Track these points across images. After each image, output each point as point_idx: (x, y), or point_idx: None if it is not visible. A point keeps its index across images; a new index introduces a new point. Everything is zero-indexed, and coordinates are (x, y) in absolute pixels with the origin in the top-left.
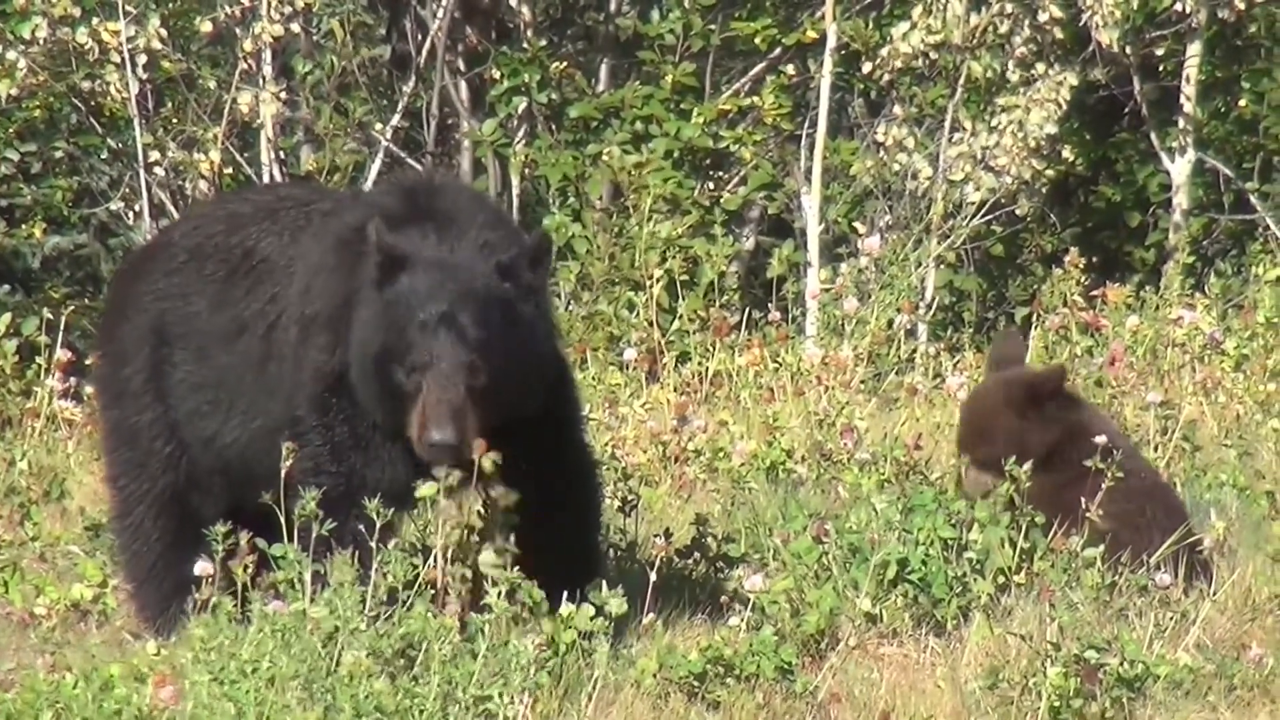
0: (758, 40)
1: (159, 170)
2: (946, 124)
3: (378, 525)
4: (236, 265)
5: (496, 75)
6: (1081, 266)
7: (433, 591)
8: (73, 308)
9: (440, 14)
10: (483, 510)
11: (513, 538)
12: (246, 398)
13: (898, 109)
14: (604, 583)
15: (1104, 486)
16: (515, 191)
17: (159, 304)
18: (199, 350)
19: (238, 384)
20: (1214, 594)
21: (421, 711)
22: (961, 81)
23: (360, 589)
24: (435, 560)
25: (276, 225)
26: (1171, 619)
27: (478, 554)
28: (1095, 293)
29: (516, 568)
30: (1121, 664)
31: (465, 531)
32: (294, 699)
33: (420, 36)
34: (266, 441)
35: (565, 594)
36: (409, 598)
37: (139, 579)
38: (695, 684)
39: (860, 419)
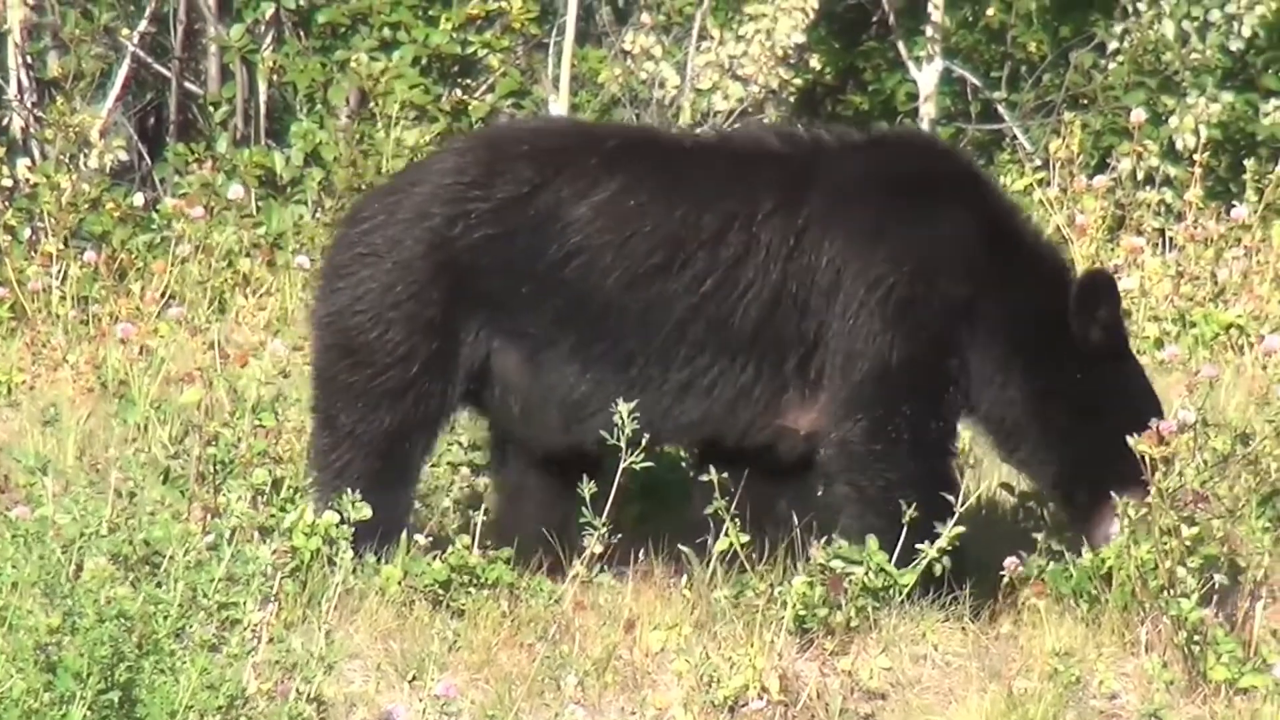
0: None
1: None
2: (694, 32)
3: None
4: (589, 215)
5: None
6: None
7: None
8: None
9: None
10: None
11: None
12: (654, 342)
13: (645, 17)
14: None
15: None
16: (263, 98)
17: (449, 257)
18: (559, 299)
19: (633, 329)
20: (960, 505)
21: (165, 617)
22: None
23: None
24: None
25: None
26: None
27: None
28: None
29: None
30: (867, 573)
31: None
32: (36, 604)
33: None
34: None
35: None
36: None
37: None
38: (440, 592)
39: None
